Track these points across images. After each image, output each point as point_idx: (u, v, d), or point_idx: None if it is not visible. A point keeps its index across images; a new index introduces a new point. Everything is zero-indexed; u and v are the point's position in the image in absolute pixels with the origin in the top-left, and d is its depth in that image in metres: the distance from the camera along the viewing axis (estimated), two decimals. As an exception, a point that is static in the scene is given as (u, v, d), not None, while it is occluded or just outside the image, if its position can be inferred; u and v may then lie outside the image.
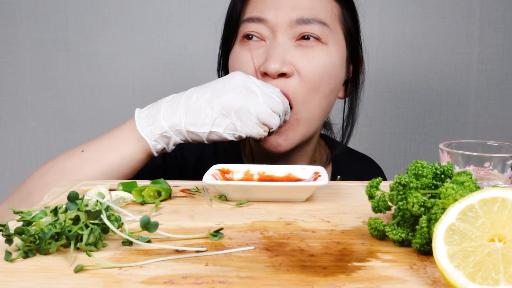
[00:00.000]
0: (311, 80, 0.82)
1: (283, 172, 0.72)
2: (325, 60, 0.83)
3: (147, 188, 0.66)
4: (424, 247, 0.48)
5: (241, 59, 0.85)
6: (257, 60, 0.83)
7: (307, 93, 0.83)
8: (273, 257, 0.47)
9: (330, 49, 0.84)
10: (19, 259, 0.47)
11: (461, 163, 0.59)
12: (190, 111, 0.76)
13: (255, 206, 0.64)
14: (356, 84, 0.93)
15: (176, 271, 0.44)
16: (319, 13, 0.83)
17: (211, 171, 0.69)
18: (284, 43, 0.82)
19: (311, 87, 0.82)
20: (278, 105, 0.77)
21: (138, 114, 0.79)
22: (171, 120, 0.76)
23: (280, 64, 0.80)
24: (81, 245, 0.48)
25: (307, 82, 0.82)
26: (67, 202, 0.51)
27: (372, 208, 0.55)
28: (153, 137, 0.77)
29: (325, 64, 0.83)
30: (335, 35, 0.85)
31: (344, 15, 0.87)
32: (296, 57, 0.82)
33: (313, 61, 0.82)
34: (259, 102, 0.76)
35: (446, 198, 0.46)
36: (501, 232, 0.40)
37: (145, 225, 0.50)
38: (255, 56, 0.84)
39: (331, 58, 0.84)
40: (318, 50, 0.83)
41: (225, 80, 0.78)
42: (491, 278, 0.38)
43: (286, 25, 0.82)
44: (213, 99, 0.76)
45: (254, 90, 0.76)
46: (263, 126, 0.77)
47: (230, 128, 0.76)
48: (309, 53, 0.82)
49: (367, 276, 0.43)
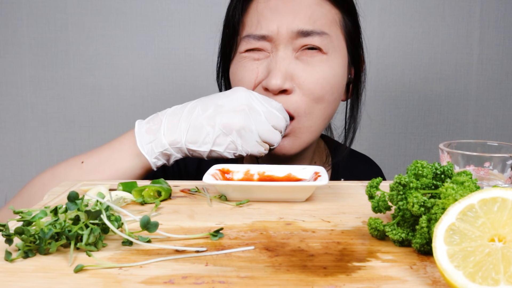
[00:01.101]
0: (313, 93, 0.82)
1: (283, 172, 0.72)
2: (326, 71, 0.83)
3: (147, 188, 0.66)
4: (424, 247, 0.48)
5: (243, 72, 0.85)
6: (260, 73, 0.84)
7: (309, 105, 0.83)
8: (273, 257, 0.47)
9: (331, 58, 0.84)
10: (19, 259, 0.47)
11: (461, 163, 0.59)
12: (191, 128, 0.76)
13: (255, 206, 0.64)
14: (358, 85, 0.93)
15: (176, 271, 0.44)
16: (319, 22, 0.83)
17: (211, 171, 0.69)
18: (285, 56, 0.82)
19: (313, 99, 0.83)
20: (280, 122, 0.78)
21: (138, 128, 0.78)
22: (171, 137, 0.76)
23: (281, 81, 0.80)
24: (81, 245, 0.48)
25: (309, 95, 0.82)
26: (67, 202, 0.51)
27: (372, 208, 0.55)
28: (154, 154, 0.77)
29: (326, 75, 0.83)
30: (336, 42, 0.85)
31: (345, 20, 0.87)
32: (297, 70, 0.82)
33: (315, 73, 0.82)
34: (261, 120, 0.76)
35: (446, 198, 0.46)
36: (501, 232, 0.40)
37: (145, 225, 0.50)
38: (256, 69, 0.84)
39: (333, 68, 0.84)
40: (319, 61, 0.83)
41: (227, 96, 0.78)
42: (491, 278, 0.38)
43: (288, 37, 0.82)
44: (215, 116, 0.75)
45: (256, 108, 0.76)
46: (264, 144, 0.78)
47: (231, 147, 0.76)
48: (310, 65, 0.83)
49: (367, 276, 0.43)
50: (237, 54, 0.88)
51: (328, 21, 0.84)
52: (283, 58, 0.82)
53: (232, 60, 0.89)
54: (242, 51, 0.86)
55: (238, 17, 0.87)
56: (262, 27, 0.83)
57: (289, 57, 0.82)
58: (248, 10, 0.87)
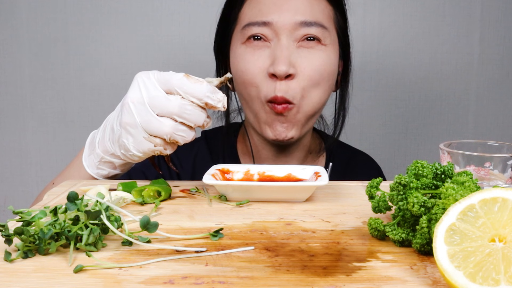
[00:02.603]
0: (312, 79, 0.87)
1: (283, 172, 0.72)
2: (324, 59, 0.88)
3: (147, 188, 0.66)
4: (425, 247, 0.48)
5: (247, 59, 0.87)
6: (263, 61, 0.86)
7: (307, 90, 0.87)
8: (273, 257, 0.47)
9: (329, 48, 0.89)
10: (19, 260, 0.47)
11: (462, 163, 0.59)
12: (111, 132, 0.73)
13: (255, 206, 0.64)
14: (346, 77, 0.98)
15: (176, 271, 0.44)
16: (319, 16, 0.88)
17: (211, 171, 0.69)
18: (288, 44, 0.86)
19: (311, 84, 0.87)
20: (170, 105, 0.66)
21: (88, 140, 0.79)
22: (102, 146, 0.74)
23: (287, 67, 0.84)
24: (80, 245, 0.48)
25: (308, 81, 0.86)
26: (67, 202, 0.51)
27: (372, 208, 0.55)
28: (94, 166, 0.77)
29: (324, 62, 0.88)
30: (332, 36, 0.90)
31: (337, 16, 0.92)
32: (299, 58, 0.86)
33: (314, 61, 0.87)
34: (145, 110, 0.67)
35: (446, 198, 0.46)
36: (502, 232, 0.40)
37: (145, 225, 0.50)
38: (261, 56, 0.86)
39: (329, 57, 0.89)
40: (318, 50, 0.88)
41: None
42: (492, 278, 0.37)
43: (290, 27, 0.86)
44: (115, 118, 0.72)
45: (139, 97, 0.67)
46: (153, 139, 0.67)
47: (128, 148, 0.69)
48: (310, 54, 0.87)
49: (367, 277, 0.43)
50: (239, 43, 0.90)
51: (325, 16, 0.89)
52: (287, 46, 0.86)
53: (231, 51, 0.92)
54: (243, 41, 0.88)
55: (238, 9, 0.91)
56: (264, 15, 0.87)
57: (291, 46, 0.86)
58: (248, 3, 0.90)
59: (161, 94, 0.66)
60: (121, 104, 0.71)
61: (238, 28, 0.90)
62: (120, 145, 0.70)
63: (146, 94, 0.66)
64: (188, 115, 0.66)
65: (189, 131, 0.67)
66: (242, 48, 0.88)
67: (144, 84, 0.67)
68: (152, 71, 0.68)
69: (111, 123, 0.73)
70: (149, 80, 0.67)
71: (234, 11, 0.92)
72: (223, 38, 0.94)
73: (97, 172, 0.77)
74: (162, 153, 0.69)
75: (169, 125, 0.66)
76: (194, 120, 0.66)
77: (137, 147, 0.68)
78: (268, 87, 0.85)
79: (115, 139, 0.71)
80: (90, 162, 0.77)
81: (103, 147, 0.74)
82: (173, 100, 0.65)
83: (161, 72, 0.68)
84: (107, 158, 0.74)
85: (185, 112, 0.65)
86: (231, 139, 1.01)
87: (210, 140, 1.02)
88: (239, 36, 0.90)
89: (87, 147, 0.78)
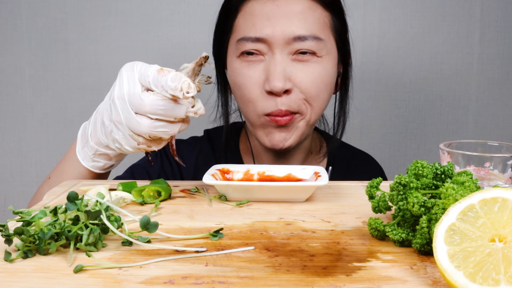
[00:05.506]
0: (310, 92, 0.86)
1: (283, 172, 0.72)
2: (320, 72, 0.87)
3: (147, 188, 0.66)
4: (425, 247, 0.48)
5: (243, 74, 0.87)
6: (258, 76, 0.86)
7: (307, 103, 0.87)
8: (273, 257, 0.47)
9: (325, 60, 0.88)
10: (19, 260, 0.47)
11: (462, 163, 0.59)
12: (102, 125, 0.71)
13: (255, 206, 0.64)
14: (346, 80, 0.97)
15: (176, 271, 0.44)
16: (313, 28, 0.86)
17: (211, 171, 0.69)
18: (282, 59, 0.85)
19: (310, 97, 0.87)
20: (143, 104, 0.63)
21: (80, 132, 0.78)
22: (95, 138, 0.73)
23: (283, 83, 0.83)
24: (80, 245, 0.48)
25: (306, 94, 0.86)
26: (67, 202, 0.51)
27: (372, 208, 0.55)
28: (89, 158, 0.76)
29: (321, 75, 0.87)
30: (329, 45, 0.89)
31: (334, 22, 0.90)
32: (294, 71, 0.85)
33: (310, 74, 0.86)
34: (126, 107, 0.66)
35: (446, 198, 0.46)
36: (502, 232, 0.40)
37: (145, 225, 0.50)
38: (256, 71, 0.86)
39: (326, 69, 0.88)
40: (314, 62, 0.87)
41: None
42: (492, 279, 0.37)
43: (284, 42, 0.85)
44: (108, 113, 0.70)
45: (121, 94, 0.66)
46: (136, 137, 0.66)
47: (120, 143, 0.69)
48: (305, 67, 0.86)
49: (367, 277, 0.43)
50: (234, 57, 0.89)
51: (321, 25, 0.87)
52: (281, 61, 0.85)
53: (228, 62, 0.92)
54: (238, 55, 0.88)
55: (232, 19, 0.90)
56: (257, 30, 0.85)
57: (286, 60, 0.85)
58: (242, 14, 0.89)
59: (137, 92, 0.64)
60: (109, 96, 0.69)
61: (233, 40, 0.89)
62: (113, 139, 0.69)
63: (127, 91, 0.65)
64: (163, 110, 0.63)
65: (171, 125, 0.65)
66: (238, 63, 0.88)
67: (127, 79, 0.66)
68: (137, 62, 0.67)
69: (102, 116, 0.71)
70: (132, 74, 0.66)
71: (229, 20, 0.91)
72: (220, 47, 0.94)
73: (93, 165, 0.77)
74: (147, 150, 0.67)
75: (146, 124, 0.64)
76: (170, 114, 0.63)
77: (127, 143, 0.67)
78: (268, 102, 0.85)
79: (108, 133, 0.70)
80: (85, 155, 0.76)
81: (96, 139, 0.73)
82: (144, 98, 0.63)
83: (144, 65, 0.66)
84: (102, 150, 0.74)
85: (158, 108, 0.63)
86: (232, 138, 1.01)
87: (213, 139, 1.02)
88: (234, 49, 0.89)
89: (79, 140, 0.77)
